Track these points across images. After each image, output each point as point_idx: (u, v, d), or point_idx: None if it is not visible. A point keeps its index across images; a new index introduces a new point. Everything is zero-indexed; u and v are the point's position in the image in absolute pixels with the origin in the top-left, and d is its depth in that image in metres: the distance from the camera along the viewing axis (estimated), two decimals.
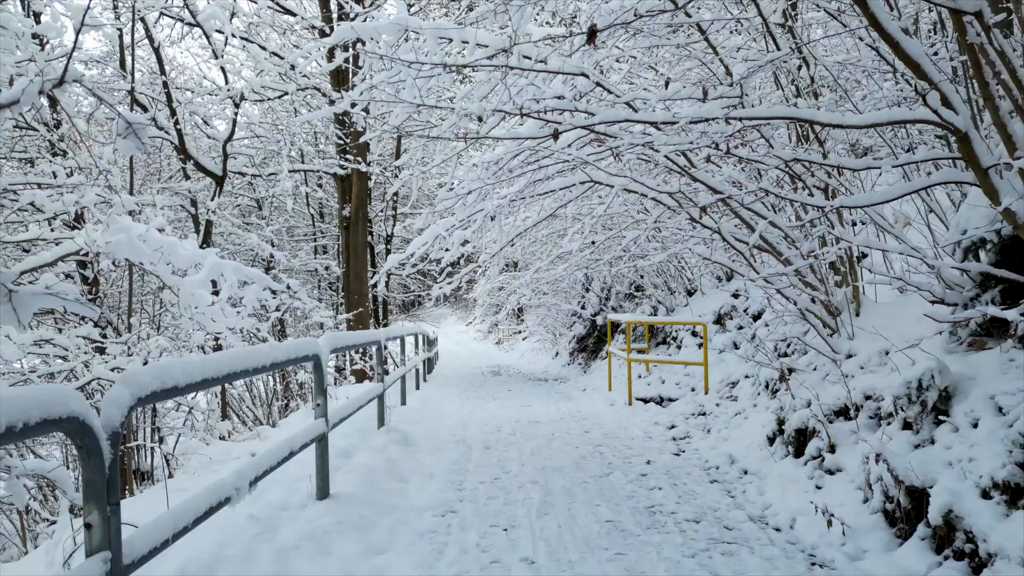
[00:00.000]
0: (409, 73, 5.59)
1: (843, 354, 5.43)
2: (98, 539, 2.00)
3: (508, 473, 5.83)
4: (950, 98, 3.22)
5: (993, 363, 3.79)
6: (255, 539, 3.66)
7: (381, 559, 3.76)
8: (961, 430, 3.65)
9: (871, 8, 3.03)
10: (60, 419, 1.85)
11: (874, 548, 3.68)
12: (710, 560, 3.69)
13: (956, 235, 4.16)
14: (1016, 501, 3.16)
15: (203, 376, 2.66)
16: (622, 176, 5.56)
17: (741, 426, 6.82)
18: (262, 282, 5.68)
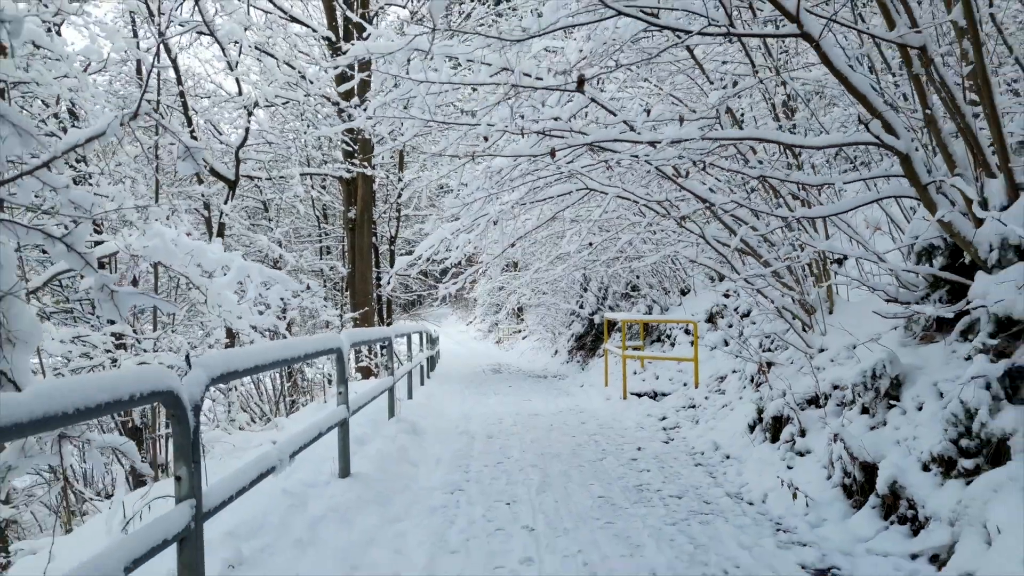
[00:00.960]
0: (419, 91, 6.11)
1: (816, 348, 5.94)
2: (185, 489, 2.50)
3: (510, 459, 6.33)
4: (893, 125, 3.73)
5: (939, 355, 4.30)
6: (289, 510, 4.16)
7: (398, 527, 4.26)
8: (908, 413, 4.16)
9: (823, 48, 3.54)
10: (161, 392, 2.35)
11: (832, 517, 4.19)
12: (688, 527, 4.19)
13: (909, 240, 4.67)
14: (949, 472, 3.67)
15: (255, 363, 3.17)
16: (614, 186, 6.06)
17: (727, 417, 7.31)
18: (284, 283, 6.18)
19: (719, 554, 3.73)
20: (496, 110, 6.32)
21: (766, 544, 3.87)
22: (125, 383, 2.19)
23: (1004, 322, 3.74)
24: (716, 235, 6.48)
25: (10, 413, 1.74)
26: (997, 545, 3.14)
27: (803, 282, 6.23)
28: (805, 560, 3.62)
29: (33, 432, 1.90)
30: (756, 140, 4.26)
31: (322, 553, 3.68)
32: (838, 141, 3.78)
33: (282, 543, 3.72)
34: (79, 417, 2.00)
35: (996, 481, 3.34)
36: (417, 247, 7.82)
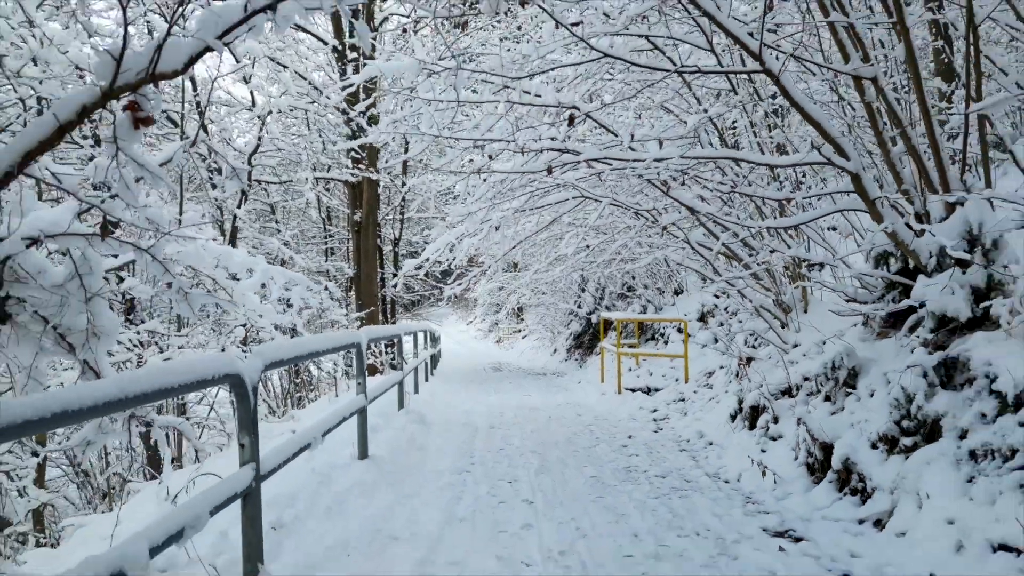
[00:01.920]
0: (427, 109, 6.66)
1: (790, 344, 6.51)
2: (248, 455, 3.06)
3: (511, 446, 6.88)
4: (844, 148, 4.29)
5: (890, 348, 4.86)
6: (318, 485, 4.73)
7: (413, 501, 4.82)
8: (862, 399, 4.72)
9: (782, 82, 4.09)
10: (230, 375, 2.91)
11: (796, 491, 4.75)
12: (669, 501, 4.75)
13: (868, 247, 5.23)
14: (892, 449, 4.23)
15: (295, 353, 3.73)
16: (606, 196, 6.62)
17: (713, 409, 7.87)
18: (304, 284, 6.75)
19: (693, 521, 4.29)
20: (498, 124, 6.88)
21: (735, 513, 4.43)
22: (204, 367, 2.75)
23: (941, 319, 4.31)
24: (701, 240, 7.04)
25: (93, 396, 2.22)
26: (926, 508, 3.70)
27: (780, 283, 6.79)
28: (767, 525, 4.18)
29: (112, 411, 2.36)
30: (727, 159, 4.82)
31: (349, 519, 4.25)
32: (796, 161, 4.34)
33: (314, 511, 4.28)
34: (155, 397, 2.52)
35: (929, 455, 3.91)
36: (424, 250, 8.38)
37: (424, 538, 4.02)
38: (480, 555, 3.75)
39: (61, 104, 1.83)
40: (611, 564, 3.59)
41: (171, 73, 1.97)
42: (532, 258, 16.25)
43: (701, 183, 7.01)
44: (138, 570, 2.13)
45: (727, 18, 4.01)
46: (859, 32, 4.45)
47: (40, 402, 1.78)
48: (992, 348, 3.91)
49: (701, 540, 3.94)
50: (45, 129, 1.82)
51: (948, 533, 3.47)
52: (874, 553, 3.60)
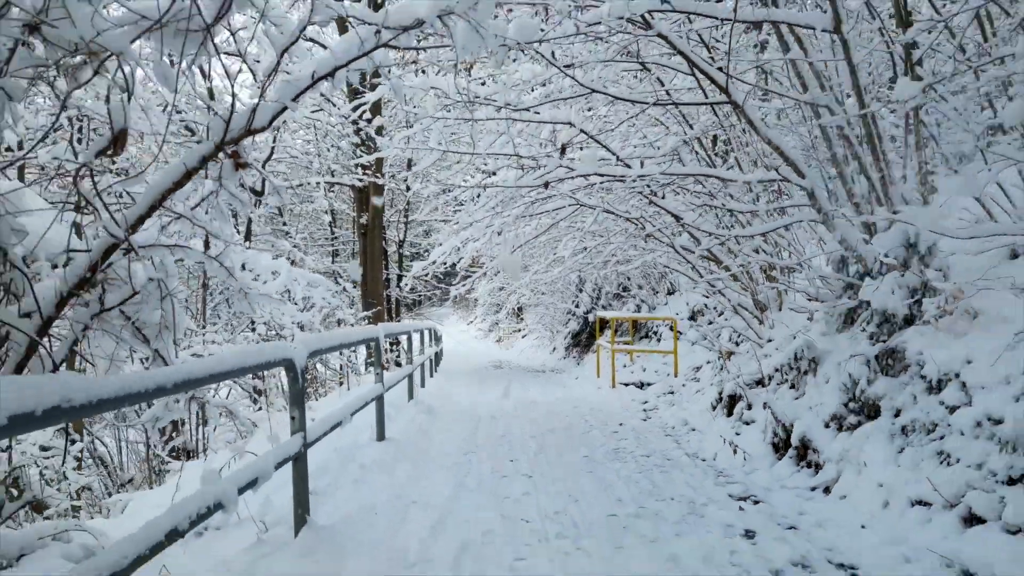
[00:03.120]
0: (436, 126, 7.34)
1: (765, 339, 7.18)
2: (297, 425, 3.74)
3: (512, 433, 7.55)
4: (801, 167, 4.96)
5: (845, 341, 5.53)
6: (343, 462, 5.40)
7: (427, 475, 5.50)
8: (819, 386, 5.40)
9: (746, 112, 4.77)
10: (285, 359, 3.59)
11: (762, 467, 5.42)
12: (651, 475, 5.43)
13: (830, 251, 5.90)
14: (841, 427, 4.91)
15: (329, 344, 4.40)
16: (598, 205, 7.30)
17: (698, 400, 8.55)
18: (324, 286, 7.43)
19: (670, 490, 4.97)
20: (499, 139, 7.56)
21: (707, 484, 5.11)
22: (270, 353, 3.42)
23: (884, 316, 4.98)
24: (685, 244, 7.72)
25: (204, 368, 2.89)
26: (864, 475, 4.38)
27: (757, 284, 7.46)
28: (732, 492, 4.86)
29: (177, 392, 2.98)
30: (701, 175, 5.50)
31: (373, 488, 4.92)
32: (759, 178, 5.02)
33: (343, 481, 4.96)
34: (238, 373, 3.20)
35: (869, 431, 4.58)
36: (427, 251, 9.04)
37: (438, 503, 4.69)
38: (486, 515, 4.42)
39: (188, 155, 2.49)
40: (598, 521, 4.26)
41: (260, 129, 2.64)
42: (531, 259, 16.93)
43: (685, 192, 7.70)
44: (230, 504, 2.80)
45: (699, 58, 4.68)
46: (815, 67, 5.13)
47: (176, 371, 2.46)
48: (923, 340, 4.58)
49: (675, 504, 4.62)
50: (176, 174, 2.47)
51: (879, 494, 4.14)
52: (818, 511, 4.28)
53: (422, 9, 2.90)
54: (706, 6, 4.41)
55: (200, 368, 2.73)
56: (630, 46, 5.49)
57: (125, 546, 2.11)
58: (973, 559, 3.24)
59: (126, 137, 2.22)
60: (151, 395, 2.28)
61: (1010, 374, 3.82)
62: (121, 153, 2.42)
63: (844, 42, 4.73)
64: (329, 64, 2.86)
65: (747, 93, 4.74)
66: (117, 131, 2.16)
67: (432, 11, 2.91)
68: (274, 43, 2.67)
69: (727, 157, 8.08)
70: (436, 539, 3.97)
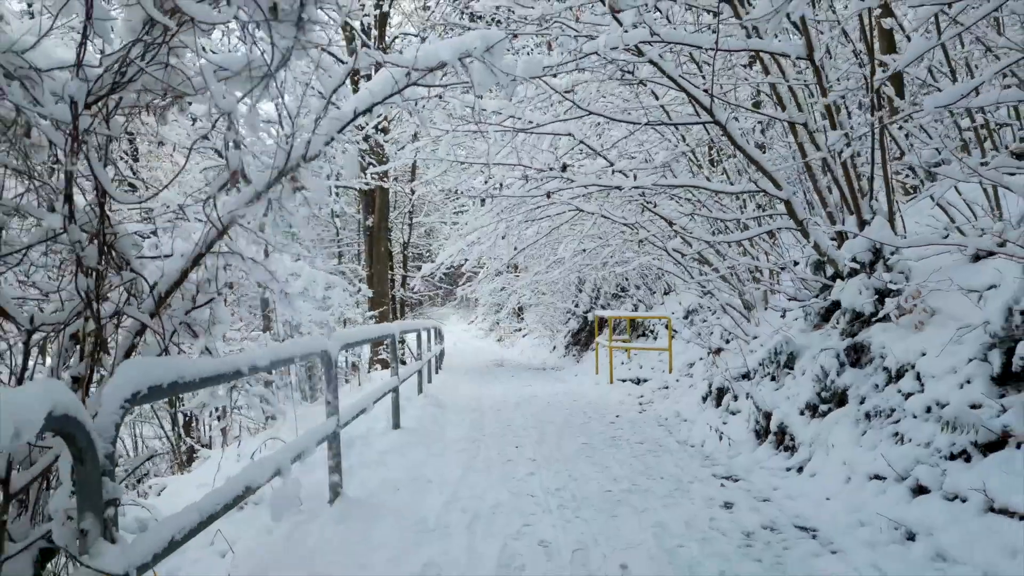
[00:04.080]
0: (446, 138, 7.88)
1: (751, 336, 7.72)
2: (332, 409, 4.27)
3: (515, 424, 8.09)
4: (778, 180, 5.50)
5: (821, 337, 6.07)
6: (363, 446, 5.94)
7: (439, 458, 6.04)
8: (796, 378, 5.94)
9: (728, 130, 5.31)
10: (323, 351, 4.13)
11: (744, 451, 5.96)
12: (643, 458, 5.97)
13: (808, 255, 6.44)
14: (814, 414, 5.45)
15: (358, 339, 4.94)
16: (597, 211, 7.84)
17: (691, 394, 9.08)
18: (340, 287, 7.96)
19: (660, 470, 5.51)
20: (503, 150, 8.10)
21: (693, 466, 5.65)
22: (311, 346, 3.96)
23: (853, 314, 5.53)
24: (678, 247, 8.26)
25: (268, 356, 3.45)
26: (831, 455, 4.92)
27: (744, 285, 8.01)
28: (716, 472, 5.40)
29: (250, 375, 3.56)
30: (689, 186, 6.04)
31: (391, 468, 5.46)
32: (740, 189, 5.57)
33: (365, 463, 5.50)
34: (284, 363, 3.74)
35: (837, 417, 5.13)
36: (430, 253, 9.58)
37: (451, 481, 5.23)
38: (495, 491, 4.96)
39: (258, 179, 3.02)
40: (595, 496, 4.80)
41: (313, 157, 3.17)
42: (532, 260, 17.45)
43: (678, 199, 8.24)
44: (286, 470, 3.34)
45: (686, 83, 5.22)
46: (793, 88, 5.67)
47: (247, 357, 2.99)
48: (886, 335, 5.12)
49: (664, 482, 5.16)
50: (248, 196, 3.00)
51: (842, 471, 4.69)
52: (790, 487, 4.82)
53: (445, 53, 3.43)
54: (691, 37, 4.95)
55: (263, 356, 3.27)
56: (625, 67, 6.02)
57: (217, 495, 2.65)
58: (916, 522, 3.78)
59: (237, 176, 2.75)
60: (232, 376, 2.83)
61: (956, 365, 4.36)
62: (235, 187, 3.00)
63: (816, 67, 5.27)
64: (367, 101, 3.40)
65: (729, 113, 5.28)
66: (232, 171, 2.70)
67: (453, 55, 3.44)
68: (325, 86, 3.21)
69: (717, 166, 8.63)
70: (452, 510, 4.51)
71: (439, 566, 3.54)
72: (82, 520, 1.90)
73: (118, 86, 2.31)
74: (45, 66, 2.52)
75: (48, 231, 2.38)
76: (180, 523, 2.36)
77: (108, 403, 2.00)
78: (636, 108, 8.03)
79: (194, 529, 2.42)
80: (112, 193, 2.35)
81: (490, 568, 3.51)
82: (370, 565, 3.54)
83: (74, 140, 2.13)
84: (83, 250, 2.31)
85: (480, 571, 3.48)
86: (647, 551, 3.71)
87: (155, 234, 3.21)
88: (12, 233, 2.71)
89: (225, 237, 3.10)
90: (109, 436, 1.97)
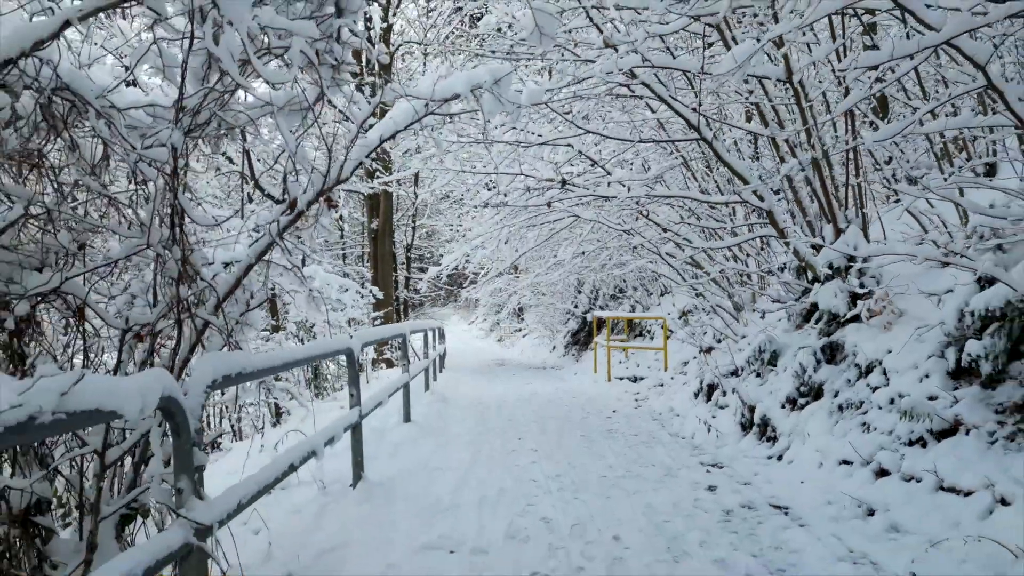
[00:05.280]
0: (451, 149, 8.35)
1: (739, 336, 8.20)
2: (354, 401, 4.75)
3: (517, 419, 8.57)
4: (761, 192, 5.98)
5: (801, 336, 6.55)
6: (378, 439, 6.42)
7: (447, 449, 6.51)
8: (779, 374, 6.42)
9: (714, 146, 5.78)
10: (345, 349, 4.60)
11: (730, 442, 6.44)
12: (637, 449, 6.45)
13: (791, 260, 6.92)
14: (793, 407, 5.93)
15: (376, 338, 5.42)
16: (594, 219, 8.32)
17: (684, 390, 9.55)
18: (353, 289, 8.44)
19: (652, 459, 5.99)
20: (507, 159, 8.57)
21: (683, 455, 6.13)
22: (336, 345, 4.44)
23: (830, 315, 6.00)
24: (671, 251, 8.74)
25: (287, 357, 3.88)
26: (807, 444, 5.40)
27: (733, 287, 8.49)
28: (703, 460, 5.88)
29: (293, 367, 4.07)
30: (679, 197, 6.52)
31: (404, 458, 5.94)
32: (724, 200, 6.05)
33: (380, 453, 5.98)
34: (314, 359, 4.21)
35: (814, 410, 5.61)
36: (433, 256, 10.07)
37: (460, 468, 5.71)
38: (500, 477, 5.44)
39: (301, 199, 3.49)
40: (592, 480, 5.28)
41: (345, 179, 3.64)
42: (533, 262, 17.92)
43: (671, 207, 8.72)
44: (320, 452, 3.82)
45: (675, 102, 5.70)
46: (776, 107, 6.15)
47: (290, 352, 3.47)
48: (858, 335, 5.60)
49: (655, 469, 5.64)
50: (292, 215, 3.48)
51: (816, 457, 5.17)
52: (769, 472, 5.30)
53: (459, 86, 3.91)
54: (679, 62, 5.43)
55: (300, 352, 3.75)
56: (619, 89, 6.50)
57: (268, 470, 3.13)
58: (876, 500, 4.26)
59: (296, 202, 3.23)
60: (280, 368, 3.31)
61: (917, 361, 4.84)
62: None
63: (794, 89, 5.75)
64: (391, 128, 3.87)
65: (715, 129, 5.76)
66: (292, 198, 3.18)
67: (466, 87, 3.92)
68: (355, 118, 3.68)
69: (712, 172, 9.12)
70: (462, 492, 4.99)
71: (453, 537, 4.02)
72: (178, 481, 2.37)
73: (197, 127, 2.78)
74: (123, 105, 3.00)
75: (133, 246, 2.86)
76: (244, 490, 2.83)
77: (195, 388, 2.48)
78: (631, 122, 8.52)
79: (254, 496, 2.90)
80: (191, 215, 2.82)
81: (498, 538, 3.99)
82: (393, 536, 4.02)
83: (174, 178, 2.61)
84: (164, 264, 2.79)
85: (490, 540, 3.96)
86: (637, 526, 4.19)
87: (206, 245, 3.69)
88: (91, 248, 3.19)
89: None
90: (196, 414, 2.44)
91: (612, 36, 4.60)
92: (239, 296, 3.49)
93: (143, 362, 3.11)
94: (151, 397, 2.08)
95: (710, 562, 3.60)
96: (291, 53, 2.72)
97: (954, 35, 2.68)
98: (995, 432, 4.07)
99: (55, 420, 1.70)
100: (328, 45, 3.10)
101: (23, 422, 1.60)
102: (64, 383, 1.72)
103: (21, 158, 2.90)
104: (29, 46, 2.23)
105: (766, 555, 3.67)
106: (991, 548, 3.26)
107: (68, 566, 2.78)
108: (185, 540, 2.29)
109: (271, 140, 5.66)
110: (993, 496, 3.68)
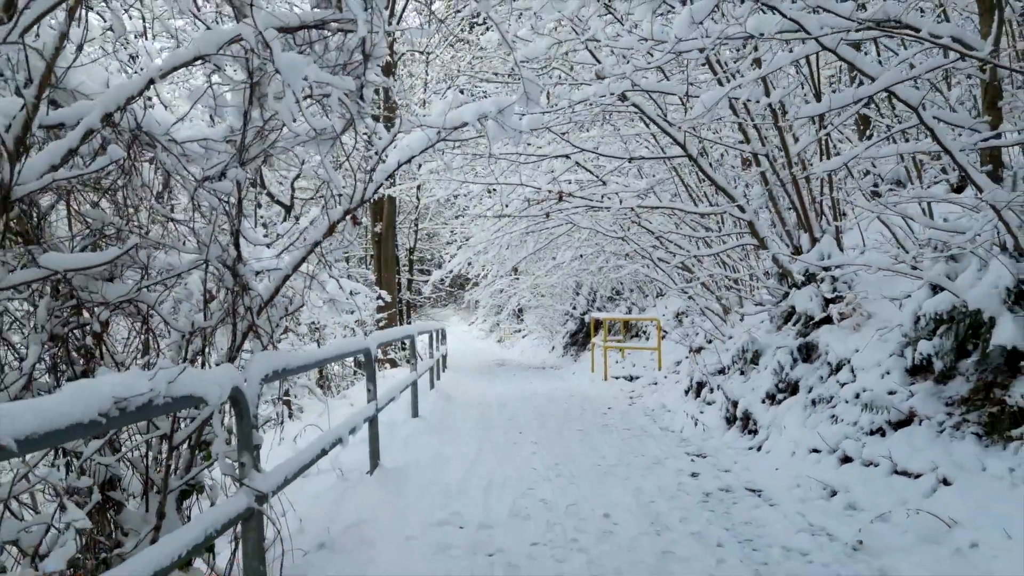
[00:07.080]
0: (457, 161, 8.86)
1: (727, 336, 8.72)
2: (372, 396, 5.26)
3: (518, 415, 9.08)
4: (741, 203, 6.50)
5: (781, 337, 7.06)
6: (389, 432, 6.93)
7: (454, 442, 7.02)
8: (760, 372, 6.93)
9: (699, 163, 6.30)
10: (363, 348, 5.11)
11: (716, 435, 6.96)
12: (630, 441, 6.96)
13: (771, 266, 7.44)
14: (772, 402, 6.44)
15: (388, 339, 5.92)
16: (590, 226, 8.84)
17: (676, 388, 10.06)
18: (364, 292, 8.94)
19: (643, 450, 6.51)
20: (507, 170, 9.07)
21: (671, 446, 6.65)
22: (355, 345, 4.95)
23: (806, 317, 6.52)
24: (663, 256, 9.26)
25: (319, 356, 4.39)
26: (783, 435, 5.92)
27: (721, 290, 9.00)
28: (689, 451, 6.40)
29: (323, 364, 4.57)
30: (668, 208, 7.04)
31: (415, 450, 6.46)
32: (709, 211, 6.56)
33: (392, 445, 6.49)
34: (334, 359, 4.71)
35: (790, 404, 6.12)
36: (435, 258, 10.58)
37: (466, 458, 6.22)
38: (503, 466, 5.95)
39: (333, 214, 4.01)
40: (587, 469, 5.79)
41: (368, 200, 4.16)
42: (532, 264, 18.41)
43: (664, 215, 9.23)
44: (346, 439, 4.33)
45: (662, 121, 6.22)
46: (757, 124, 6.67)
47: (323, 351, 3.98)
48: (831, 335, 6.11)
49: (645, 459, 6.15)
50: (323, 230, 3.99)
51: (789, 447, 5.68)
52: (747, 461, 5.81)
53: (467, 116, 4.42)
54: (666, 86, 5.94)
55: (327, 352, 4.27)
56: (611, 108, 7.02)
57: (304, 454, 3.64)
58: (838, 483, 4.78)
59: (335, 225, 3.75)
60: (314, 365, 3.82)
61: (880, 359, 5.36)
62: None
63: (773, 110, 6.27)
64: (408, 154, 4.39)
65: (699, 146, 6.27)
66: (332, 222, 3.70)
67: (474, 117, 4.43)
68: (377, 146, 4.20)
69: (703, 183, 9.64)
70: (469, 479, 5.50)
71: (463, 515, 4.53)
72: (241, 456, 2.89)
73: (250, 160, 3.30)
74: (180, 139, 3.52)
75: (193, 261, 3.37)
76: (288, 469, 3.34)
77: (251, 380, 2.99)
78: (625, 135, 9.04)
79: (296, 473, 3.41)
80: (246, 235, 3.33)
81: (503, 516, 4.50)
82: (408, 515, 4.54)
83: (238, 209, 3.13)
84: (221, 277, 3.30)
85: (495, 518, 4.47)
86: (626, 506, 4.70)
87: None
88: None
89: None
90: (254, 402, 2.95)
91: (604, 69, 5.12)
92: (278, 302, 4.00)
93: (191, 360, 3.63)
94: (226, 387, 2.59)
95: (688, 535, 4.11)
96: (331, 100, 3.23)
97: (889, 84, 3.20)
98: (944, 422, 4.58)
99: (165, 402, 2.21)
100: (359, 91, 3.61)
101: (146, 404, 2.12)
102: (171, 374, 2.23)
103: (96, 188, 3.42)
104: (124, 101, 2.74)
105: (737, 529, 4.18)
106: (929, 520, 3.78)
107: (140, 533, 3.30)
108: (248, 505, 2.80)
109: (291, 167, 6.15)
110: (936, 477, 4.20)
